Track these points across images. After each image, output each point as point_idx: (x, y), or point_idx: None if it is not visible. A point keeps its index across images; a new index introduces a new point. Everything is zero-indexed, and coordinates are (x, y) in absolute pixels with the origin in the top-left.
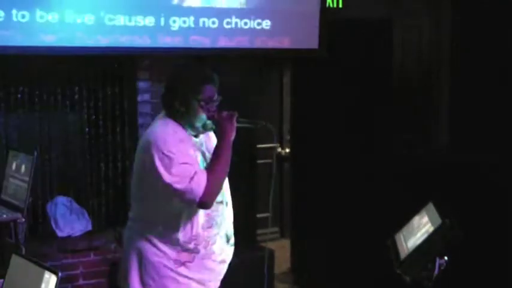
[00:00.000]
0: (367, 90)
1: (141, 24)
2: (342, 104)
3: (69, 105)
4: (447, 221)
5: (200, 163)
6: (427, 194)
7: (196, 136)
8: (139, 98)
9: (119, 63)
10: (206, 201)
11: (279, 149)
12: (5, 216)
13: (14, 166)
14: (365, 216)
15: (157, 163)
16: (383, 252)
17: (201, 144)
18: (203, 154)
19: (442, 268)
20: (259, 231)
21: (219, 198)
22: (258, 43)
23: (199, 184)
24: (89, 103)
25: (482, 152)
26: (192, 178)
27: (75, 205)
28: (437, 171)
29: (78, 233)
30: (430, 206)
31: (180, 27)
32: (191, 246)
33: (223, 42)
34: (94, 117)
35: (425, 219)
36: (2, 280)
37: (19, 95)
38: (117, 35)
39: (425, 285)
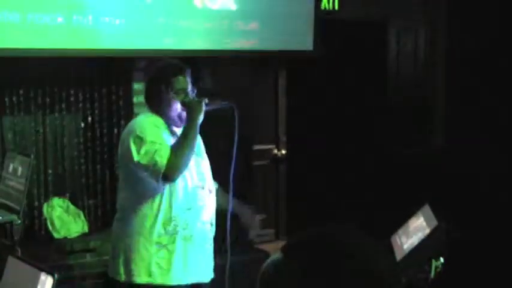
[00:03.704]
0: (362, 92)
1: (137, 25)
2: (338, 105)
3: (66, 106)
4: (443, 223)
5: None
6: (423, 195)
7: (177, 127)
8: (135, 100)
9: (115, 64)
10: (169, 174)
11: (275, 151)
12: (1, 218)
13: (10, 168)
14: (361, 217)
15: (131, 144)
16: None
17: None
18: None
19: (438, 270)
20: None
21: (199, 183)
22: (253, 45)
23: (163, 157)
24: (85, 104)
25: (478, 154)
26: (156, 152)
27: (71, 207)
28: (433, 172)
29: (74, 235)
30: (426, 208)
31: (176, 29)
32: (170, 227)
33: (218, 44)
34: (90, 118)
35: (422, 220)
36: None
37: (15, 97)
38: (114, 36)
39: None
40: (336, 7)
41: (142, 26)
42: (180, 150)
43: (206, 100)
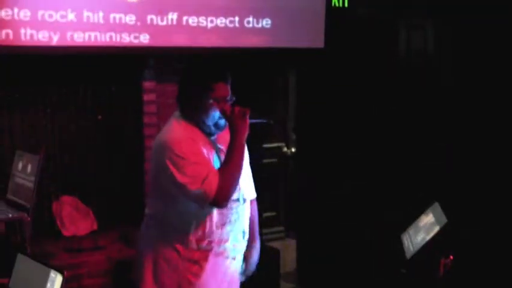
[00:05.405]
0: (372, 89)
1: (148, 23)
2: (347, 102)
3: (75, 104)
4: (453, 221)
5: (214, 162)
6: (433, 193)
7: (211, 135)
8: (145, 98)
9: (125, 62)
10: (219, 202)
11: (285, 148)
12: (11, 215)
13: (20, 166)
14: (371, 215)
15: (170, 164)
16: (389, 252)
17: (216, 143)
18: (218, 152)
19: (447, 268)
20: (264, 231)
21: (234, 196)
22: (263, 42)
23: (212, 185)
24: (95, 102)
25: (486, 151)
26: (204, 179)
27: (80, 204)
28: (442, 170)
29: (83, 232)
30: (436, 206)
31: (185, 26)
32: (204, 244)
33: (228, 41)
34: (100, 116)
35: (431, 218)
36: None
37: (25, 95)
38: (124, 33)
39: (431, 285)
40: (346, 4)
41: (153, 22)
42: (228, 175)
43: (249, 111)
